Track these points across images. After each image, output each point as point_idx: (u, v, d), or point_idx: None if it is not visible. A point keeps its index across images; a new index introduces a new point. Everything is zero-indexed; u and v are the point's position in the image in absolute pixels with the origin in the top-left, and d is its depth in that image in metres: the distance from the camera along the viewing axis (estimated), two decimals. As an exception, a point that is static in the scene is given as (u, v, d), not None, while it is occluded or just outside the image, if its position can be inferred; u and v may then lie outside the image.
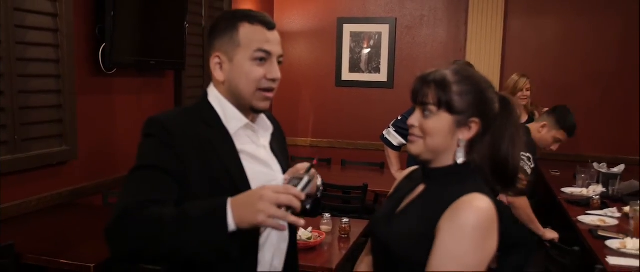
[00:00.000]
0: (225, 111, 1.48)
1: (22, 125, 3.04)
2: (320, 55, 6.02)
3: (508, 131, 1.39)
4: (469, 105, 1.36)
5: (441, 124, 1.37)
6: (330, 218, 3.04)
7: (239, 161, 1.45)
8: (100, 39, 3.51)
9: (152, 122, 1.43)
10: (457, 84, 1.37)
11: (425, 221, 1.34)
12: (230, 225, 1.20)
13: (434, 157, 1.41)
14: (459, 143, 1.38)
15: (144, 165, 1.38)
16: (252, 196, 1.22)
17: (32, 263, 2.52)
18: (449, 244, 1.27)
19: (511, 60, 5.50)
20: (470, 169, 1.40)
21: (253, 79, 1.44)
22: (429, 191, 1.43)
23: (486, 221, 1.28)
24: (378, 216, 1.52)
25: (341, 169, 5.23)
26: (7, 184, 3.00)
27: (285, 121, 6.02)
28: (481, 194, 1.32)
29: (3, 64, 2.91)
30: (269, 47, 1.45)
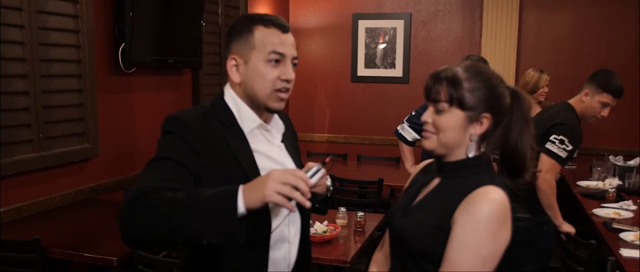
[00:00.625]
0: (240, 111, 1.54)
1: (46, 124, 3.14)
2: (335, 51, 6.07)
3: (518, 123, 1.43)
4: (480, 101, 1.40)
5: (453, 120, 1.41)
6: (346, 212, 3.09)
7: (253, 160, 1.50)
8: (120, 39, 3.59)
9: (171, 120, 1.49)
10: (468, 81, 1.40)
11: (441, 214, 1.38)
12: (240, 207, 1.24)
13: (447, 151, 1.45)
14: (472, 138, 1.42)
15: (161, 157, 1.43)
16: (262, 177, 1.28)
17: (57, 257, 2.61)
18: (464, 235, 1.32)
19: (526, 55, 5.50)
20: (484, 162, 1.45)
21: (268, 80, 1.49)
22: (444, 184, 1.47)
23: (500, 212, 1.32)
24: (394, 209, 1.57)
25: (357, 164, 5.28)
26: (32, 182, 3.10)
27: (302, 117, 6.14)
28: (495, 187, 1.36)
29: (27, 65, 3.00)
30: (283, 49, 1.50)
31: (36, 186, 3.13)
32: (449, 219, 1.36)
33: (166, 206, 1.27)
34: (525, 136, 1.43)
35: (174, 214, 1.26)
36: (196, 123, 1.48)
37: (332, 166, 1.52)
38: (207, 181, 1.42)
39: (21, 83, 2.99)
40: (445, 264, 1.34)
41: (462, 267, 1.31)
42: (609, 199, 3.72)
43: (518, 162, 1.43)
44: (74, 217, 3.14)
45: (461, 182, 1.40)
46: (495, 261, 1.34)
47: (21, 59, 2.97)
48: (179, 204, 1.26)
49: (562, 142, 2.93)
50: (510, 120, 1.43)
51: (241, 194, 1.25)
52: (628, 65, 5.18)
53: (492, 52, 5.45)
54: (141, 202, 1.30)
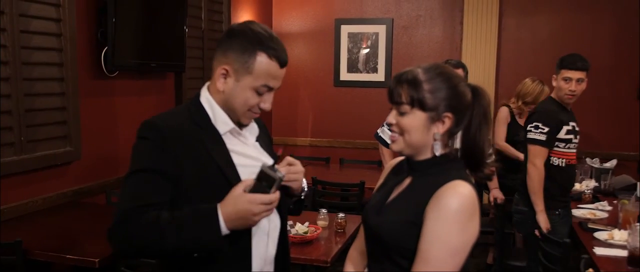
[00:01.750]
0: (215, 113, 1.57)
1: (28, 127, 3.14)
2: (318, 56, 6.12)
3: (477, 118, 1.47)
4: (441, 101, 1.44)
5: (416, 121, 1.45)
6: (327, 213, 3.13)
7: (230, 159, 1.55)
8: (102, 42, 3.61)
9: (146, 126, 1.52)
10: (428, 82, 1.44)
11: (413, 210, 1.42)
12: (224, 230, 1.43)
13: (415, 151, 1.49)
14: (435, 136, 1.46)
15: (140, 168, 1.48)
16: (242, 211, 1.42)
17: (39, 259, 2.62)
18: (434, 227, 1.37)
19: (506, 59, 5.59)
20: (451, 159, 1.49)
21: (248, 105, 1.55)
22: (415, 182, 1.51)
23: (468, 204, 1.38)
24: (369, 207, 1.60)
25: (340, 167, 5.32)
26: (14, 184, 3.10)
27: (285, 121, 6.18)
28: (462, 181, 1.42)
29: (9, 68, 3.01)
30: (274, 83, 1.55)
31: (18, 189, 3.14)
32: (421, 214, 1.40)
33: (155, 232, 1.41)
34: (484, 131, 1.48)
35: (164, 240, 1.41)
36: (172, 127, 1.51)
37: (283, 154, 1.57)
38: (185, 183, 1.48)
39: (3, 86, 2.99)
40: (417, 258, 1.39)
41: (433, 259, 1.36)
42: (586, 200, 3.80)
43: (477, 155, 1.49)
44: (57, 220, 3.15)
45: (431, 179, 1.45)
46: (465, 252, 1.39)
47: (3, 62, 2.98)
48: (167, 230, 1.41)
49: (536, 128, 3.19)
50: (471, 116, 1.47)
51: (223, 223, 1.42)
52: (606, 69, 5.28)
53: (473, 56, 5.53)
54: (128, 227, 1.43)
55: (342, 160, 5.51)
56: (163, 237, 1.41)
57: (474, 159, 1.50)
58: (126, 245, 1.46)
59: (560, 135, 3.18)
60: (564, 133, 3.19)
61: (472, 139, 1.47)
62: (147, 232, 1.41)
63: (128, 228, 1.42)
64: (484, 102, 1.49)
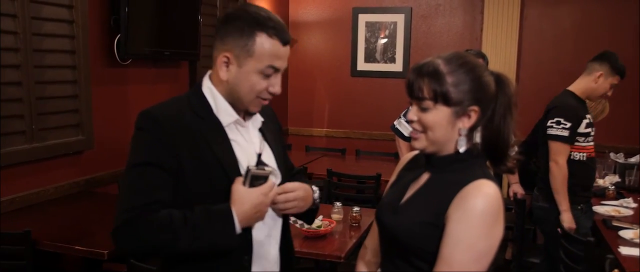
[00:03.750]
0: (217, 104, 1.50)
1: (39, 115, 3.10)
2: (335, 46, 6.02)
3: (501, 107, 1.38)
4: (466, 94, 1.34)
5: (440, 117, 1.35)
6: (341, 207, 3.06)
7: (231, 149, 1.48)
8: (115, 30, 3.55)
9: (144, 116, 1.46)
10: (451, 75, 1.34)
11: (433, 210, 1.34)
12: (238, 230, 1.41)
13: (438, 149, 1.40)
14: (461, 132, 1.37)
15: (140, 162, 1.42)
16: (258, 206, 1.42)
17: (48, 250, 2.58)
18: (459, 231, 1.28)
19: (528, 50, 5.45)
20: (474, 155, 1.40)
21: (256, 91, 1.47)
22: (434, 179, 1.42)
23: (494, 206, 1.29)
24: (383, 206, 1.51)
25: (356, 159, 5.24)
26: (26, 173, 3.07)
27: (301, 112, 6.11)
28: (487, 180, 1.33)
29: (20, 55, 2.96)
30: (279, 64, 1.47)
31: (30, 178, 3.10)
32: (443, 216, 1.32)
33: (168, 235, 1.36)
34: (508, 121, 1.39)
35: (177, 242, 1.36)
36: (171, 117, 1.45)
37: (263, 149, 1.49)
38: (185, 176, 1.43)
39: (14, 73, 2.95)
40: (440, 261, 1.30)
41: (457, 264, 1.27)
42: (609, 197, 3.68)
43: (500, 147, 1.40)
44: (68, 210, 3.11)
45: (452, 177, 1.36)
46: (490, 256, 1.30)
47: (14, 49, 2.94)
48: (180, 232, 1.36)
49: (558, 123, 3.07)
50: (495, 106, 1.38)
51: (238, 223, 1.40)
52: (630, 61, 5.09)
53: (493, 47, 5.40)
54: (138, 228, 1.36)
55: (358, 151, 5.42)
56: (176, 239, 1.36)
57: (497, 152, 1.40)
58: (136, 246, 1.40)
59: (580, 129, 3.07)
60: (584, 127, 3.10)
61: (496, 131, 1.38)
62: (160, 234, 1.36)
63: (138, 229, 1.36)
64: (509, 91, 1.40)
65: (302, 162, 4.65)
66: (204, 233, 1.38)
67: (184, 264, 1.48)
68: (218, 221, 1.39)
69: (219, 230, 1.39)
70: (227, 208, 1.40)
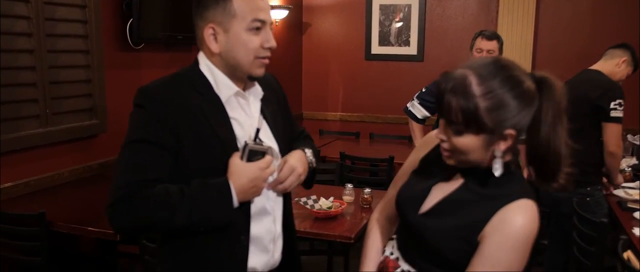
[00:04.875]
0: (216, 79, 1.49)
1: (53, 99, 3.14)
2: (349, 29, 5.98)
3: (549, 115, 1.23)
4: (503, 120, 1.19)
5: (472, 142, 1.23)
6: (353, 188, 3.06)
7: (231, 127, 1.47)
8: (128, 14, 3.56)
9: (142, 93, 1.45)
10: (485, 97, 1.18)
11: (467, 224, 1.25)
12: (235, 204, 1.40)
13: (473, 165, 1.29)
14: (496, 154, 1.24)
15: (137, 139, 1.41)
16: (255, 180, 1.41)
17: (62, 231, 2.62)
18: (496, 254, 1.21)
19: (544, 32, 5.36)
20: (513, 168, 1.29)
21: (251, 49, 1.45)
22: (469, 190, 1.31)
23: (534, 230, 1.22)
24: (406, 196, 1.41)
25: (369, 142, 5.23)
26: (40, 157, 3.11)
27: (315, 95, 6.10)
28: (528, 200, 1.23)
29: (33, 40, 2.99)
30: (263, 16, 1.45)
31: (44, 161, 3.14)
32: (478, 233, 1.23)
33: (165, 210, 1.35)
34: (559, 131, 1.23)
35: (174, 217, 1.35)
36: (169, 94, 1.44)
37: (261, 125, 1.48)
38: (184, 153, 1.42)
39: (27, 58, 2.98)
40: None
41: None
42: (626, 179, 3.63)
43: (551, 161, 1.24)
44: (82, 193, 3.15)
45: (490, 191, 1.26)
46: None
47: (27, 33, 2.96)
48: (177, 207, 1.35)
49: (620, 105, 3.06)
50: (539, 113, 1.22)
51: (235, 196, 1.39)
52: (649, 42, 5.02)
53: (509, 29, 5.33)
54: (134, 204, 1.35)
55: (371, 135, 5.41)
56: (173, 214, 1.35)
57: (546, 167, 1.26)
58: (131, 223, 1.38)
59: None
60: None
61: (545, 144, 1.23)
62: (156, 210, 1.35)
63: (134, 205, 1.35)
64: (555, 97, 1.23)
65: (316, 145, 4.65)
66: (201, 206, 1.37)
67: (182, 247, 1.48)
68: (215, 193, 1.38)
69: (216, 203, 1.38)
70: (224, 181, 1.39)
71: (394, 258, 1.45)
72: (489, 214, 1.23)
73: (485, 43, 3.52)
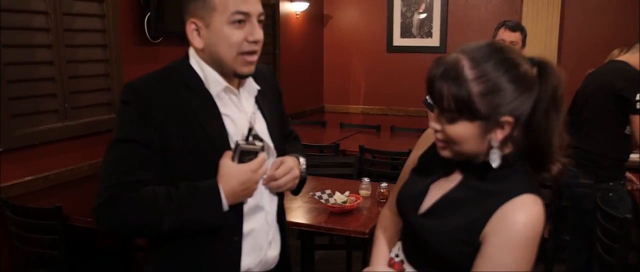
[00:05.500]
0: (206, 74, 1.43)
1: (71, 93, 3.16)
2: (370, 21, 5.93)
3: (543, 102, 1.15)
4: (498, 105, 1.13)
5: (466, 130, 1.16)
6: (369, 183, 3.02)
7: (222, 124, 1.42)
8: (145, 8, 3.57)
9: (128, 88, 1.40)
10: (478, 81, 1.12)
11: (468, 224, 1.19)
12: (225, 207, 1.38)
13: (469, 158, 1.23)
14: (492, 144, 1.17)
15: (124, 138, 1.37)
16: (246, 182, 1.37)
17: (78, 225, 2.64)
18: (499, 256, 1.14)
19: (571, 21, 5.23)
20: (510, 163, 1.20)
21: (233, 43, 1.37)
22: (468, 186, 1.25)
23: (539, 226, 1.15)
24: (406, 195, 1.35)
25: (390, 135, 5.18)
26: (59, 151, 3.14)
27: (336, 88, 6.07)
28: (531, 194, 1.16)
29: (51, 34, 3.01)
30: (247, 7, 1.37)
31: (63, 155, 3.17)
32: (479, 233, 1.17)
33: (153, 213, 1.32)
34: (552, 118, 1.16)
35: (162, 220, 1.33)
36: (157, 91, 1.38)
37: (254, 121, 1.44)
38: (172, 152, 1.38)
39: (46, 53, 3.01)
40: None
41: None
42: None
43: (542, 150, 1.18)
44: (100, 186, 3.17)
45: (490, 186, 1.20)
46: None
47: (45, 29, 2.99)
48: (165, 210, 1.33)
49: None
50: (536, 102, 1.15)
51: (225, 199, 1.36)
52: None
53: (534, 19, 5.21)
54: (121, 206, 1.32)
55: (392, 128, 5.35)
56: (161, 217, 1.33)
57: (537, 155, 1.19)
58: (118, 226, 1.36)
59: None
60: None
61: (538, 132, 1.16)
62: (144, 213, 1.33)
63: (120, 209, 1.32)
64: (553, 81, 1.16)
65: (336, 139, 4.62)
66: (189, 210, 1.34)
67: (173, 250, 1.45)
68: (204, 197, 1.35)
69: (205, 207, 1.35)
70: (213, 184, 1.36)
71: (399, 261, 1.41)
72: (489, 212, 1.16)
73: (508, 34, 3.44)
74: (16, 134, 2.87)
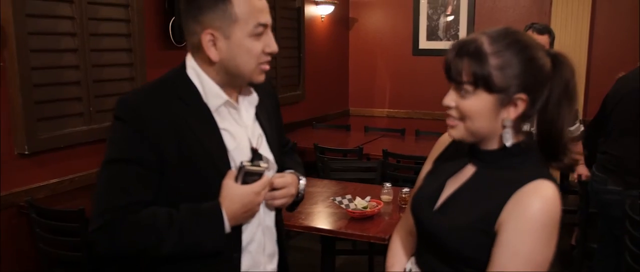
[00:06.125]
0: (205, 87, 1.38)
1: (96, 97, 3.20)
2: (396, 24, 5.89)
3: (556, 93, 1.19)
4: (513, 80, 1.16)
5: (481, 104, 1.18)
6: (391, 188, 2.99)
7: (220, 139, 1.37)
8: (170, 12, 3.60)
9: (122, 104, 1.34)
10: (497, 55, 1.16)
11: (482, 214, 1.19)
12: (227, 229, 1.34)
13: (479, 139, 1.24)
14: (505, 123, 1.19)
15: (119, 158, 1.31)
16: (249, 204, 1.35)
17: (101, 227, 2.67)
18: (515, 240, 1.14)
19: (602, 24, 5.12)
20: (525, 149, 1.23)
21: (254, 55, 1.35)
22: (481, 175, 1.25)
23: (554, 212, 1.14)
24: (420, 198, 1.34)
25: (415, 139, 5.13)
26: (84, 154, 3.18)
27: (362, 92, 6.05)
28: (546, 180, 1.16)
29: (77, 39, 3.06)
30: (265, 19, 1.35)
31: (88, 158, 3.21)
32: (494, 222, 1.17)
33: (152, 237, 1.28)
34: (564, 109, 1.19)
35: (162, 245, 1.28)
36: (152, 106, 1.32)
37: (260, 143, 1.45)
38: (170, 169, 1.32)
39: (72, 57, 3.06)
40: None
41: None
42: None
43: (555, 140, 1.21)
44: (124, 189, 3.20)
45: (503, 174, 1.20)
46: (548, 266, 1.16)
47: (71, 33, 3.04)
48: (165, 234, 1.28)
49: None
50: (550, 92, 1.19)
51: (227, 222, 1.33)
52: None
53: (563, 22, 5.11)
54: (118, 230, 1.27)
55: (417, 131, 5.30)
56: (161, 241, 1.28)
57: (551, 144, 1.22)
58: (116, 250, 1.30)
59: None
60: None
61: (550, 121, 1.20)
62: (143, 237, 1.28)
63: (118, 233, 1.27)
64: (567, 74, 1.20)
65: (360, 142, 4.59)
66: (190, 234, 1.29)
67: (170, 263, 1.37)
68: (206, 220, 1.31)
69: (206, 230, 1.31)
70: (216, 206, 1.32)
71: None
72: (504, 200, 1.16)
73: (536, 37, 3.36)
74: (42, 137, 2.92)
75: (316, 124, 5.42)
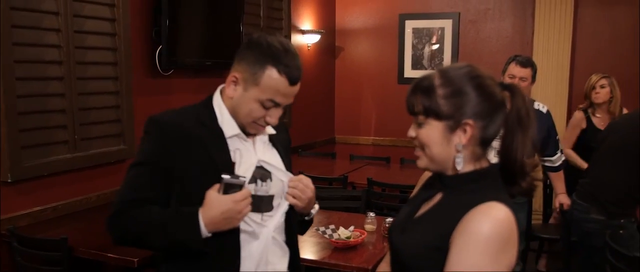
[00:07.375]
0: (223, 116, 1.59)
1: (82, 125, 3.21)
2: (382, 53, 5.97)
3: (510, 122, 1.28)
4: (458, 107, 1.26)
5: (433, 131, 1.29)
6: (375, 217, 3.00)
7: (228, 155, 1.56)
8: (157, 41, 3.63)
9: (151, 121, 1.59)
10: (443, 86, 1.27)
11: (438, 233, 1.25)
12: (204, 233, 1.49)
13: (441, 167, 1.32)
14: (457, 148, 1.28)
15: (139, 162, 1.56)
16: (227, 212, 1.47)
17: (83, 256, 2.66)
18: (461, 257, 1.19)
19: (582, 54, 5.22)
20: (484, 175, 1.31)
21: (252, 116, 1.56)
22: (445, 200, 1.33)
23: (502, 232, 1.19)
24: (395, 223, 1.44)
25: (400, 167, 5.16)
26: (69, 182, 3.17)
27: (347, 119, 6.09)
28: (498, 203, 1.22)
29: (63, 67, 3.08)
30: (281, 99, 1.54)
31: (72, 186, 3.21)
32: (447, 240, 1.23)
33: (144, 229, 1.52)
34: (518, 137, 1.28)
35: (150, 238, 1.53)
36: (173, 123, 1.57)
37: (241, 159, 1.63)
38: (181, 179, 1.54)
39: (57, 85, 3.07)
40: None
41: None
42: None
43: (510, 166, 1.29)
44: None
45: (463, 198, 1.26)
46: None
47: (57, 61, 3.05)
48: (152, 229, 1.51)
49: None
50: (505, 118, 1.29)
51: (204, 227, 1.47)
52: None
53: (545, 52, 5.21)
54: (122, 220, 1.54)
55: (402, 159, 5.34)
56: (149, 235, 1.52)
57: (508, 170, 1.30)
58: (120, 236, 1.57)
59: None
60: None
61: (506, 147, 1.29)
62: (138, 228, 1.52)
63: (122, 221, 1.53)
64: (518, 103, 1.28)
65: (345, 171, 4.61)
66: (170, 232, 1.50)
67: (175, 261, 1.60)
68: (184, 221, 1.49)
69: (184, 230, 1.49)
70: (194, 211, 1.48)
71: None
72: (458, 218, 1.23)
73: (519, 70, 3.42)
74: (26, 165, 2.91)
75: (302, 152, 5.44)
